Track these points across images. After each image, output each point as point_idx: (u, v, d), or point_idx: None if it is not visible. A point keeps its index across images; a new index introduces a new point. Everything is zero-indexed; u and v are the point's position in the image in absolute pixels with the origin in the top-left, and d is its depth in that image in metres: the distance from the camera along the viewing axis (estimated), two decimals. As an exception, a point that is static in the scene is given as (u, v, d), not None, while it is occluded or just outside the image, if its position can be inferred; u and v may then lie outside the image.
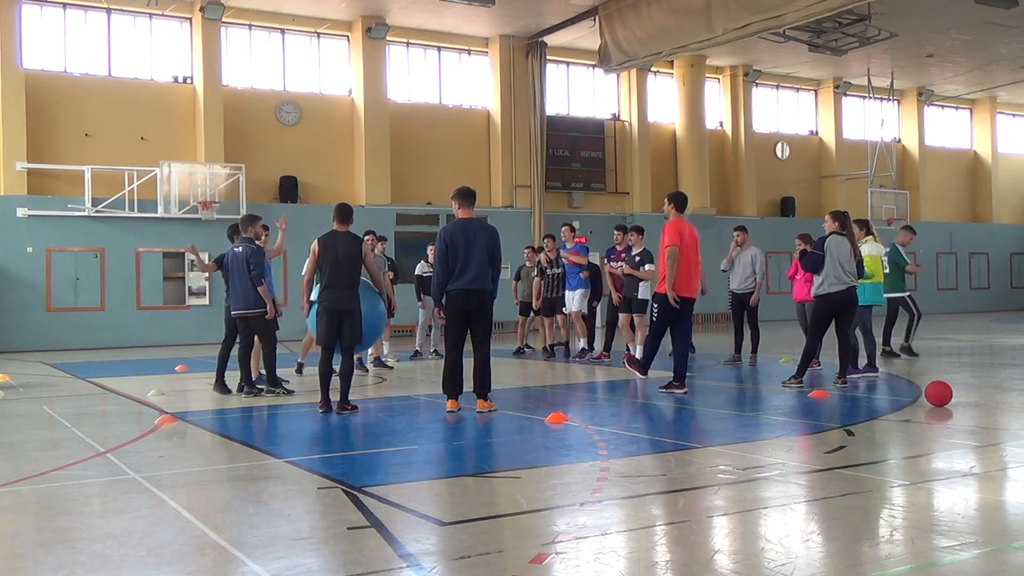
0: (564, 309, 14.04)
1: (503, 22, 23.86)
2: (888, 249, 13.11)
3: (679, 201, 9.69)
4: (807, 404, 8.76)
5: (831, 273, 9.80)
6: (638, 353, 12.99)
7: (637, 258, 12.79)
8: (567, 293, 13.97)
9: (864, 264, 10.66)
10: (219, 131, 21.74)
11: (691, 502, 5.02)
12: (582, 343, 14.03)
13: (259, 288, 9.67)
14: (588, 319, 14.47)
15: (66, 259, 20.26)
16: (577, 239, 14.68)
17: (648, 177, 27.33)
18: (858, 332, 11.11)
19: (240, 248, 9.93)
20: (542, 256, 14.34)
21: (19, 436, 7.92)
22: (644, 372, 10.18)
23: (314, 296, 9.29)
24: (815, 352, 10.52)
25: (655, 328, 9.79)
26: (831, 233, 10.02)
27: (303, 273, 9.60)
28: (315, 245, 8.76)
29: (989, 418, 7.98)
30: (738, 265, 13.05)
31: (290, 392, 10.01)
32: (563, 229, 14.44)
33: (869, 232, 11.54)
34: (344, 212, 8.91)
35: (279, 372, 10.16)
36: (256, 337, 9.99)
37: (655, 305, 9.68)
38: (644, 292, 12.58)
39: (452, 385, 8.50)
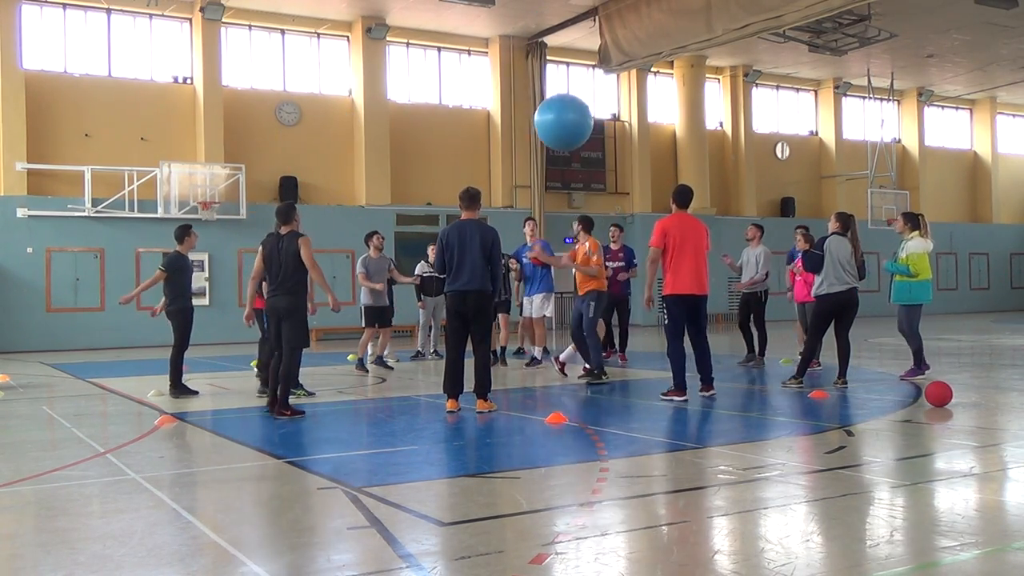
0: (524, 312, 13.29)
1: (503, 22, 23.86)
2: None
3: (676, 196, 9.23)
4: (807, 404, 8.75)
5: (831, 273, 9.80)
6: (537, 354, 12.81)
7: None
8: (525, 298, 13.25)
9: (909, 262, 10.58)
10: (219, 131, 21.75)
11: (691, 502, 5.02)
12: (536, 351, 13.18)
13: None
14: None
15: (66, 259, 20.26)
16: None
17: (648, 177, 27.34)
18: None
19: None
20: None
21: (19, 436, 7.92)
22: (683, 391, 9.01)
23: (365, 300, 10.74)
24: (815, 352, 10.52)
25: (667, 331, 9.20)
26: (832, 233, 10.01)
27: (252, 276, 9.20)
28: (260, 248, 8.79)
29: (989, 418, 7.98)
30: (746, 264, 12.97)
31: (311, 393, 9.96)
32: (527, 224, 13.66)
33: (916, 227, 10.87)
34: (281, 212, 8.75)
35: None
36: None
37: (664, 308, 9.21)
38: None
39: (452, 385, 8.50)
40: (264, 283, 9.02)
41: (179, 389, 10.13)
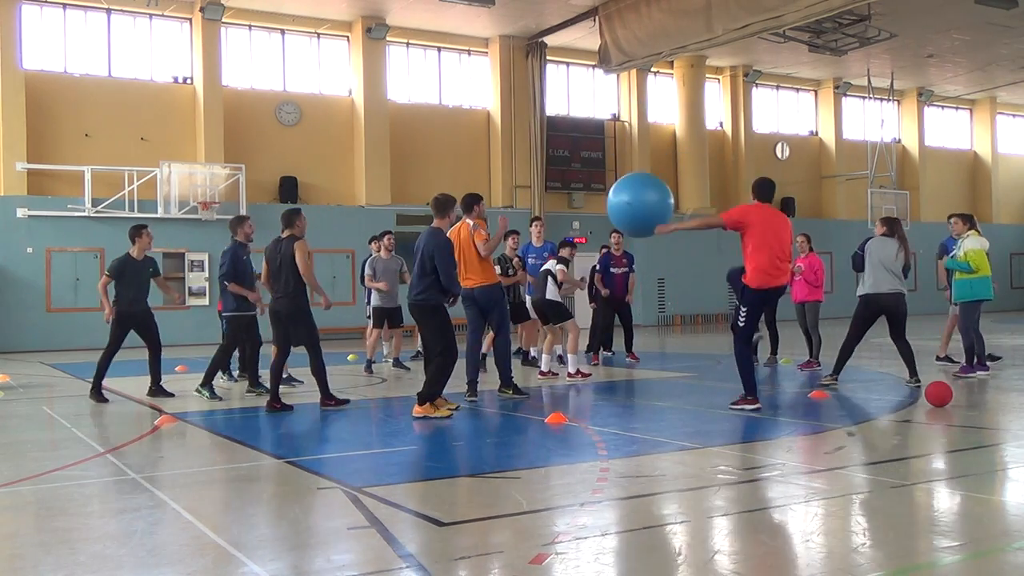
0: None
1: (503, 22, 23.86)
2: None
3: (756, 189, 8.51)
4: (807, 404, 8.75)
5: (871, 274, 9.74)
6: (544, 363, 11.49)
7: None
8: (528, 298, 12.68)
9: (968, 258, 10.73)
10: (219, 131, 21.74)
11: (691, 502, 5.02)
12: (532, 351, 12.87)
13: (229, 287, 9.85)
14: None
15: (66, 259, 20.26)
16: (578, 239, 14.31)
17: (648, 177, 27.29)
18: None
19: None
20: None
21: (19, 436, 7.93)
22: (755, 398, 8.29)
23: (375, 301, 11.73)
24: (851, 351, 10.18)
25: (739, 331, 8.37)
26: (876, 235, 9.99)
27: (262, 280, 9.36)
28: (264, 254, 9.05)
29: (989, 418, 7.99)
30: None
31: (297, 382, 10.06)
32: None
33: (972, 226, 11.33)
34: (283, 216, 9.03)
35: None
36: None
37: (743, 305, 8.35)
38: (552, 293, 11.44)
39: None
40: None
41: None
